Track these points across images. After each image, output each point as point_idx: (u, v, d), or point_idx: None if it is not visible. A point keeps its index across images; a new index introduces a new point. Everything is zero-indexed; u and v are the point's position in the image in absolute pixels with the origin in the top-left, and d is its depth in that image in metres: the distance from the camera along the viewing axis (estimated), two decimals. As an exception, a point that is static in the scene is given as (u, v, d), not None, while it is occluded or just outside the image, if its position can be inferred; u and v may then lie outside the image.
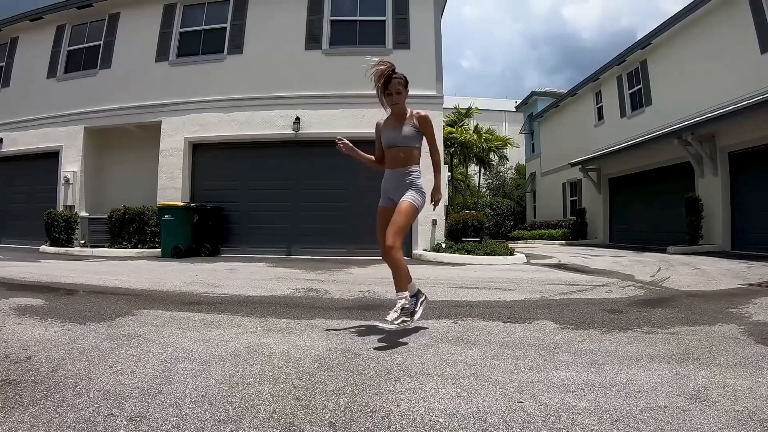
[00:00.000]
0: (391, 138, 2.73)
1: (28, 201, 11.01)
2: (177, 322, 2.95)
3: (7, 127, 11.25)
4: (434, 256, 8.23)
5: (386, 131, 2.76)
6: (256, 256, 8.67)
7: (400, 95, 2.70)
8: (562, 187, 18.65)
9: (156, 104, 9.97)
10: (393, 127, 2.74)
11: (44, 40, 11.21)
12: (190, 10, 10.35)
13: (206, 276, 5.58)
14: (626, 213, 14.23)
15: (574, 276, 5.82)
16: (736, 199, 9.77)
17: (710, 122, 9.61)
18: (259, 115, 9.62)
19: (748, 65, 9.42)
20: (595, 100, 16.48)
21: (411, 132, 2.71)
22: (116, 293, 4.15)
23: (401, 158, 2.72)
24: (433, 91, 9.30)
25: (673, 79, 12.04)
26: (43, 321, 2.87)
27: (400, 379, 1.88)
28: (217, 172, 9.89)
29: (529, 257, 8.43)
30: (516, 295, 4.26)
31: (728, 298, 3.96)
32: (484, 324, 2.98)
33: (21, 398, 1.60)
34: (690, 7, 10.94)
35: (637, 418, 1.49)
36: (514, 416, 1.51)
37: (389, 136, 2.74)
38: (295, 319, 3.13)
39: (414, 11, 9.60)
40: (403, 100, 2.74)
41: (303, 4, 9.80)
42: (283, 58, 9.66)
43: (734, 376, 1.91)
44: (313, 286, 4.73)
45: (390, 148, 2.75)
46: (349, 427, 1.43)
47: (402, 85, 2.69)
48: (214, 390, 1.72)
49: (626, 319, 3.11)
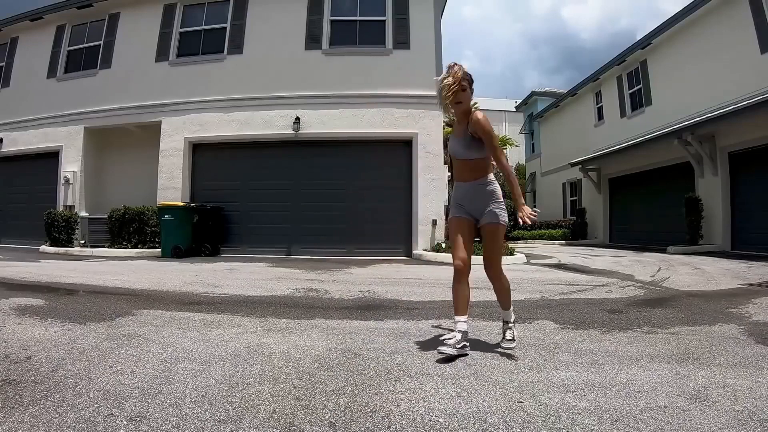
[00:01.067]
0: (453, 149, 2.44)
1: (28, 201, 11.00)
2: (177, 322, 2.95)
3: (7, 127, 11.25)
4: (434, 256, 8.22)
5: (451, 139, 2.48)
6: (256, 256, 8.67)
7: (464, 92, 2.30)
8: (562, 187, 18.65)
9: (156, 104, 9.97)
10: (456, 135, 2.44)
11: (44, 40, 11.20)
12: (190, 10, 10.34)
13: (206, 276, 5.58)
14: (626, 213, 14.22)
15: (574, 276, 5.82)
16: (736, 199, 9.76)
17: (710, 122, 9.60)
18: (259, 115, 9.61)
19: (748, 65, 9.42)
20: (595, 100, 16.48)
21: (468, 142, 2.35)
22: (116, 293, 4.15)
23: (467, 171, 2.40)
24: (433, 91, 9.18)
25: (673, 79, 12.04)
26: (43, 321, 2.87)
27: (400, 379, 1.89)
28: (217, 172, 9.89)
29: (529, 257, 8.43)
30: (516, 295, 4.24)
31: (728, 298, 3.96)
32: (484, 324, 2.98)
33: (21, 398, 1.60)
34: (690, 7, 10.94)
35: (637, 418, 1.49)
36: (514, 416, 1.51)
37: (452, 145, 2.45)
38: (295, 319, 3.12)
39: (414, 11, 9.59)
40: (468, 100, 2.35)
41: (303, 4, 9.80)
42: (283, 58, 9.65)
43: (734, 376, 1.91)
44: (313, 286, 4.73)
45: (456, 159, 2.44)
46: (349, 427, 1.43)
47: (467, 80, 2.31)
48: (214, 390, 1.72)
49: (626, 319, 3.11)
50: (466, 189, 2.41)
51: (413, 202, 9.05)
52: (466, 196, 2.41)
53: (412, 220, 9.03)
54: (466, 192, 2.41)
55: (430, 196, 9.11)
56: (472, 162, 2.38)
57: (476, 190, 2.38)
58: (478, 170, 2.38)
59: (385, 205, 9.25)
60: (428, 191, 9.12)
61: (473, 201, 2.39)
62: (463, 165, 2.40)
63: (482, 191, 2.37)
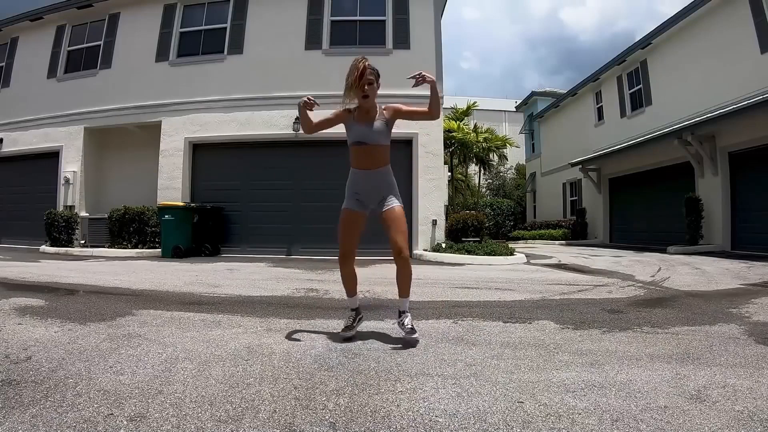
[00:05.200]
0: (362, 134, 2.49)
1: (28, 201, 10.99)
2: (177, 322, 2.95)
3: (7, 127, 11.25)
4: (434, 256, 8.23)
5: (356, 125, 2.51)
6: (256, 256, 8.67)
7: (372, 86, 2.45)
8: (562, 187, 18.65)
9: (156, 104, 9.97)
10: (364, 123, 2.50)
11: (44, 40, 11.21)
12: (190, 10, 10.35)
13: (206, 276, 5.58)
14: (626, 213, 14.23)
15: (574, 276, 5.82)
16: (736, 199, 9.76)
17: (710, 122, 9.61)
18: (259, 115, 9.61)
19: (748, 65, 9.42)
20: (595, 100, 16.49)
21: (383, 129, 2.52)
22: (116, 293, 4.15)
23: (376, 158, 2.51)
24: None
25: (673, 79, 12.04)
26: (43, 321, 2.87)
27: (400, 379, 1.88)
28: (217, 172, 9.89)
29: (529, 257, 8.43)
30: (516, 295, 4.26)
31: (728, 298, 3.96)
32: (484, 324, 2.98)
33: (21, 398, 1.60)
34: (690, 7, 10.95)
35: (637, 418, 1.48)
36: (514, 416, 1.51)
37: (360, 131, 2.49)
38: (296, 319, 3.13)
39: (414, 11, 9.59)
40: (374, 94, 2.49)
41: (303, 4, 9.80)
42: (283, 58, 9.65)
43: (734, 376, 1.90)
44: (313, 287, 4.73)
45: (360, 145, 2.51)
46: (349, 427, 1.43)
47: (374, 75, 2.46)
48: (215, 390, 1.72)
49: (626, 319, 3.11)
50: (369, 176, 2.52)
51: (413, 202, 9.04)
52: (369, 184, 2.53)
53: (412, 220, 9.02)
54: (369, 179, 2.52)
55: (430, 196, 9.11)
56: (382, 148, 2.53)
57: (382, 178, 2.53)
58: (385, 157, 2.55)
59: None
60: (428, 191, 9.12)
61: (376, 189, 2.53)
62: (372, 151, 2.50)
63: (385, 179, 2.54)
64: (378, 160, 2.53)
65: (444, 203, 9.57)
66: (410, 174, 9.16)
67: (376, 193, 2.54)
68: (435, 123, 9.22)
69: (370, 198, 2.56)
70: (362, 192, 2.56)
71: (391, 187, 2.56)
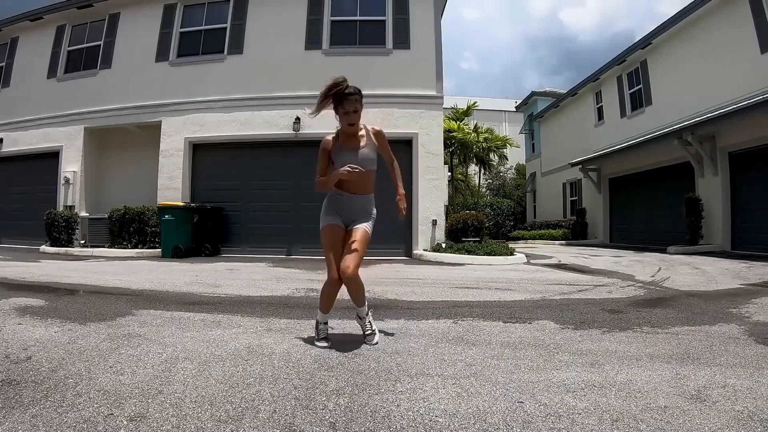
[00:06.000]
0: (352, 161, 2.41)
1: (28, 201, 10.99)
2: (177, 322, 2.95)
3: (7, 127, 11.24)
4: (434, 256, 8.23)
5: (343, 153, 2.44)
6: (257, 256, 8.67)
7: (357, 114, 2.40)
8: (562, 187, 18.64)
9: (156, 104, 9.97)
10: (351, 148, 2.45)
11: (44, 40, 11.20)
12: (190, 10, 10.34)
13: (206, 276, 5.58)
14: (626, 213, 14.22)
15: (574, 276, 5.82)
16: (736, 199, 9.76)
17: (710, 122, 9.60)
18: (259, 115, 9.61)
19: (748, 65, 9.42)
20: (595, 100, 16.48)
21: (372, 155, 2.49)
22: (116, 293, 4.15)
23: (366, 183, 2.49)
24: (433, 91, 9.29)
25: (673, 79, 12.04)
26: (43, 321, 2.87)
27: (400, 379, 1.89)
28: (218, 172, 9.89)
29: (529, 257, 8.43)
30: (516, 295, 4.26)
31: (728, 298, 3.96)
32: (484, 324, 2.98)
33: (21, 398, 1.60)
34: (690, 7, 10.94)
35: (637, 418, 1.49)
36: (514, 416, 1.51)
37: (350, 158, 2.41)
38: (296, 319, 3.13)
39: (414, 11, 9.59)
40: (359, 120, 2.46)
41: (303, 4, 9.80)
42: (283, 58, 9.65)
43: (734, 376, 1.91)
44: (314, 286, 4.72)
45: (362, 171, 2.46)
46: (349, 427, 1.43)
47: (359, 102, 2.39)
48: (215, 390, 1.72)
49: (626, 319, 3.11)
50: (353, 200, 2.49)
51: (413, 202, 9.03)
52: (351, 208, 2.50)
53: (412, 220, 9.02)
54: (353, 203, 2.50)
55: (431, 196, 9.11)
56: (372, 173, 2.51)
57: (367, 203, 2.55)
58: (373, 183, 2.55)
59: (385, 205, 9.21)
60: (428, 191, 9.11)
61: (357, 212, 2.51)
62: (366, 176, 2.44)
63: (367, 208, 2.55)
64: (367, 185, 2.51)
65: (444, 203, 9.56)
66: (410, 174, 9.15)
67: (354, 215, 2.51)
68: (435, 123, 9.22)
69: (347, 218, 2.52)
70: (343, 213, 2.52)
71: (368, 214, 2.56)
